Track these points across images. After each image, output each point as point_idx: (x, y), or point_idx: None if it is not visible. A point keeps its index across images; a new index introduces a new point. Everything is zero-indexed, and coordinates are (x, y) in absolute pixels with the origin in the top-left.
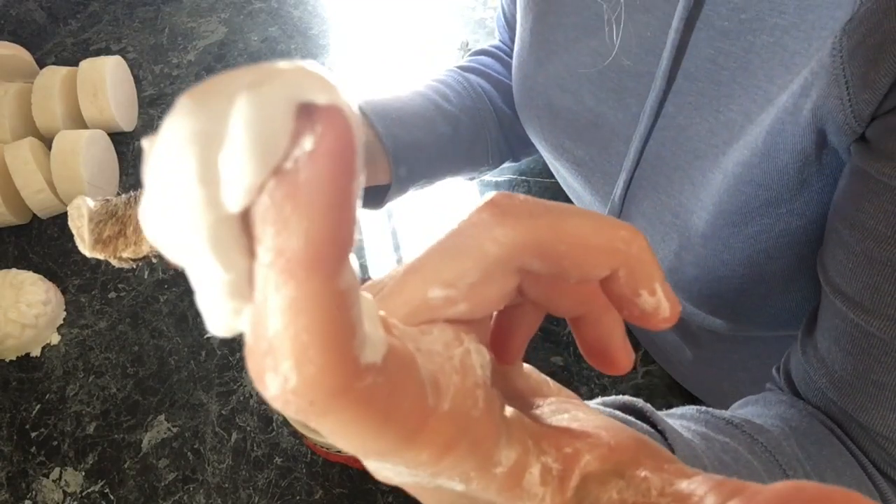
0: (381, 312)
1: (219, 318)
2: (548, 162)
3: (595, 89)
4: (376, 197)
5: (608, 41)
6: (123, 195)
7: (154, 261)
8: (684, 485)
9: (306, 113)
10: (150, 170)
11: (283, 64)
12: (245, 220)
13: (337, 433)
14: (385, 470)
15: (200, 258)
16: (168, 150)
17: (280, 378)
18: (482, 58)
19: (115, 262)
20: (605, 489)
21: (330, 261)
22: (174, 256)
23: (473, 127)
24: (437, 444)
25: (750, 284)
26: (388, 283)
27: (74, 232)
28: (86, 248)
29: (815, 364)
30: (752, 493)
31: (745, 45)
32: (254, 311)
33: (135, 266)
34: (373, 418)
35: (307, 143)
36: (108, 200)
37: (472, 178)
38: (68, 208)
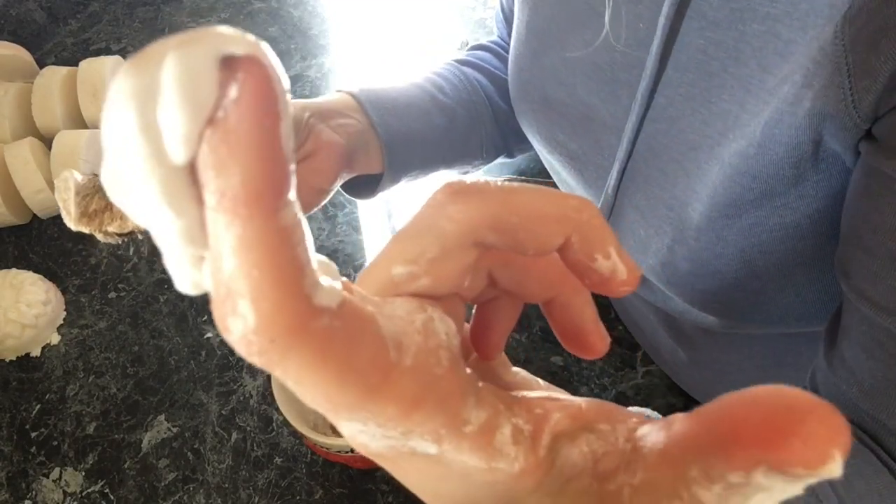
0: (343, 279)
1: (183, 272)
2: (541, 157)
3: (588, 81)
4: (369, 186)
5: (601, 32)
6: None
7: (139, 236)
8: (643, 429)
9: (229, 65)
10: (103, 132)
11: (207, 28)
12: (194, 172)
13: (301, 379)
14: (360, 434)
15: (156, 211)
16: (113, 110)
17: (240, 319)
18: (480, 52)
19: (100, 237)
20: (575, 445)
21: (267, 197)
22: (135, 216)
23: (468, 120)
24: (403, 398)
25: (743, 279)
26: None
27: (61, 205)
28: (71, 221)
29: (844, 375)
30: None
31: (736, 35)
32: (211, 257)
33: (120, 241)
34: (334, 363)
35: (232, 91)
36: (95, 175)
37: (465, 173)
38: (55, 181)
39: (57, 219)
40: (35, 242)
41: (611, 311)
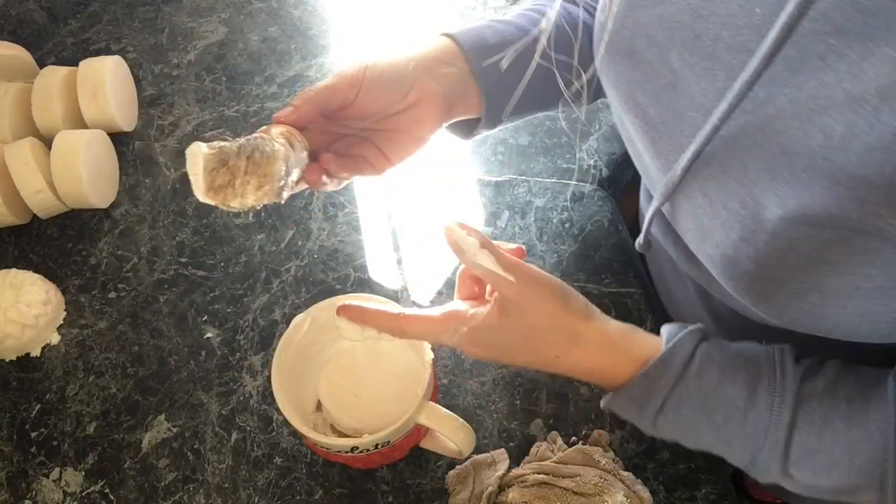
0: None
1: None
2: (613, 111)
3: (684, 51)
4: (466, 128)
5: (712, 5)
6: (234, 142)
7: (258, 208)
8: None
9: None
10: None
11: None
12: None
13: None
14: None
15: None
16: None
17: None
18: None
19: (224, 208)
20: None
21: None
22: None
23: (567, 64)
24: None
25: (804, 292)
26: None
27: (192, 179)
28: (200, 193)
29: None
30: None
31: (863, 51)
32: None
33: (241, 212)
34: None
35: None
36: (220, 148)
37: (563, 112)
38: (187, 154)
39: (57, 219)
40: (35, 242)
41: (650, 281)
